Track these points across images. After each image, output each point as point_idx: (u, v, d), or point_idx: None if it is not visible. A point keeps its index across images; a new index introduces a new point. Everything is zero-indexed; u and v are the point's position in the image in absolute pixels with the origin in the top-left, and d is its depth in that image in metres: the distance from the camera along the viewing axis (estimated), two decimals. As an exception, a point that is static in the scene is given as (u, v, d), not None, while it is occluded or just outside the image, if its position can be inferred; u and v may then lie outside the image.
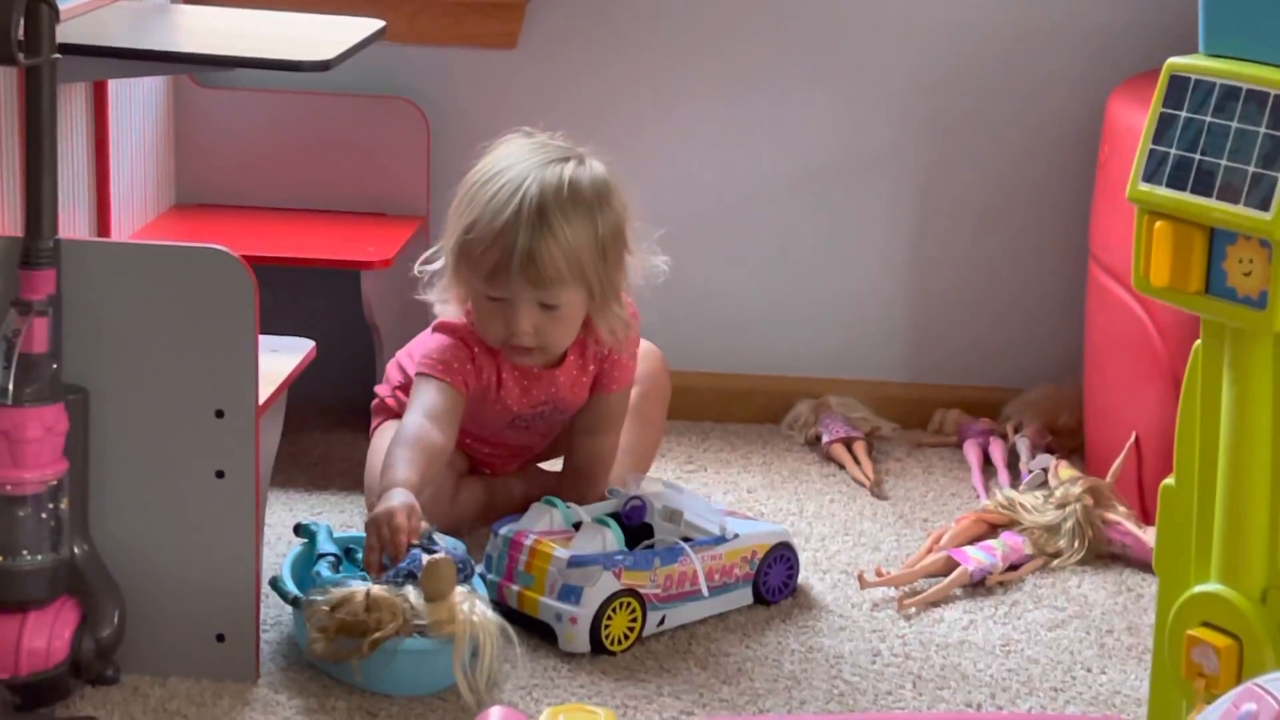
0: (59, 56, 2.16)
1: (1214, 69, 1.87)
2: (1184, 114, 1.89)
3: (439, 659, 2.23)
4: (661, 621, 2.45)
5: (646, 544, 2.49)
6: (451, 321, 2.64)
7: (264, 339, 2.27)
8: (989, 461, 3.05)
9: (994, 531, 2.74)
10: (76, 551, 2.18)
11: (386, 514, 2.33)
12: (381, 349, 2.94)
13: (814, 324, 3.26)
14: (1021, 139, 3.20)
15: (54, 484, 2.16)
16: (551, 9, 3.16)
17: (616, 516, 2.55)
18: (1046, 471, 2.92)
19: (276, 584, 2.33)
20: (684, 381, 3.19)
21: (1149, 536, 2.64)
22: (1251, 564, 1.93)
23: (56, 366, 2.17)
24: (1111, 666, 2.42)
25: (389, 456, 2.47)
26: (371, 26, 2.72)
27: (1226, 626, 1.94)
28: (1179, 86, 1.90)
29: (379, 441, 2.68)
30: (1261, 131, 1.82)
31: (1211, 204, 1.85)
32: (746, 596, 2.54)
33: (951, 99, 3.19)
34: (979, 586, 2.62)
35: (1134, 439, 2.79)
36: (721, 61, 3.18)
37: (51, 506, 2.16)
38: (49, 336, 2.15)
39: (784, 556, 2.57)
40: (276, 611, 2.41)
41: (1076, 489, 2.75)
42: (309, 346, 2.56)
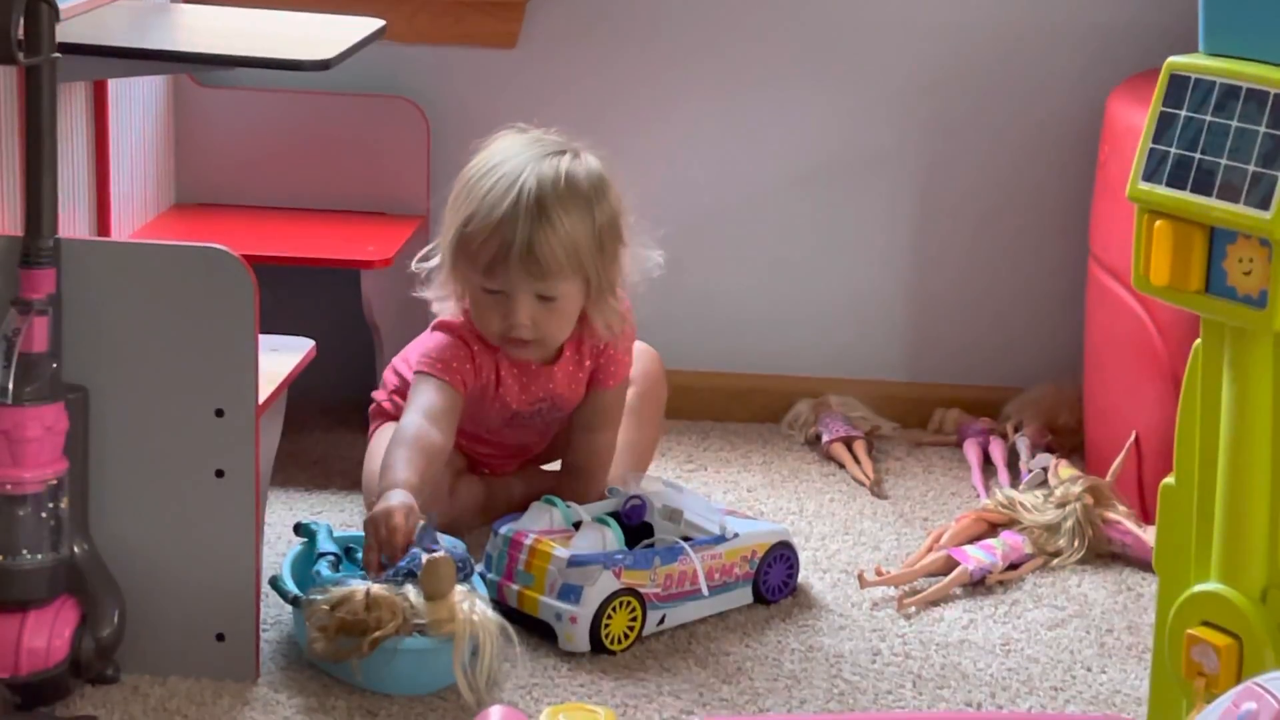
0: (59, 56, 2.16)
1: (1214, 68, 1.87)
2: (1184, 113, 1.89)
3: (439, 658, 2.23)
4: (661, 621, 2.45)
5: (646, 543, 2.49)
6: (450, 320, 2.64)
7: (264, 338, 2.27)
8: (989, 461, 3.05)
9: (994, 530, 2.74)
10: (76, 551, 2.18)
11: (385, 514, 2.34)
12: (381, 348, 2.94)
13: (814, 323, 3.26)
14: (1021, 139, 3.20)
15: (54, 483, 2.16)
16: (551, 8, 3.16)
17: (616, 516, 2.55)
18: (1046, 471, 2.92)
19: (276, 583, 2.33)
20: (684, 381, 3.20)
21: (1149, 535, 2.64)
22: (1251, 563, 1.93)
23: (56, 366, 2.17)
24: (1111, 665, 2.42)
25: (388, 457, 2.48)
26: (371, 26, 2.72)
27: (1226, 625, 1.94)
28: (1179, 86, 1.90)
29: (376, 445, 2.68)
30: (1261, 130, 1.82)
31: (1211, 203, 1.85)
32: (746, 596, 2.54)
33: (951, 99, 3.19)
34: (979, 585, 2.62)
35: (1134, 438, 2.79)
36: (722, 61, 3.18)
37: (51, 506, 2.15)
38: (49, 336, 2.15)
39: (784, 556, 2.56)
40: (276, 611, 2.41)
41: (1076, 488, 2.75)
42: (309, 346, 2.56)
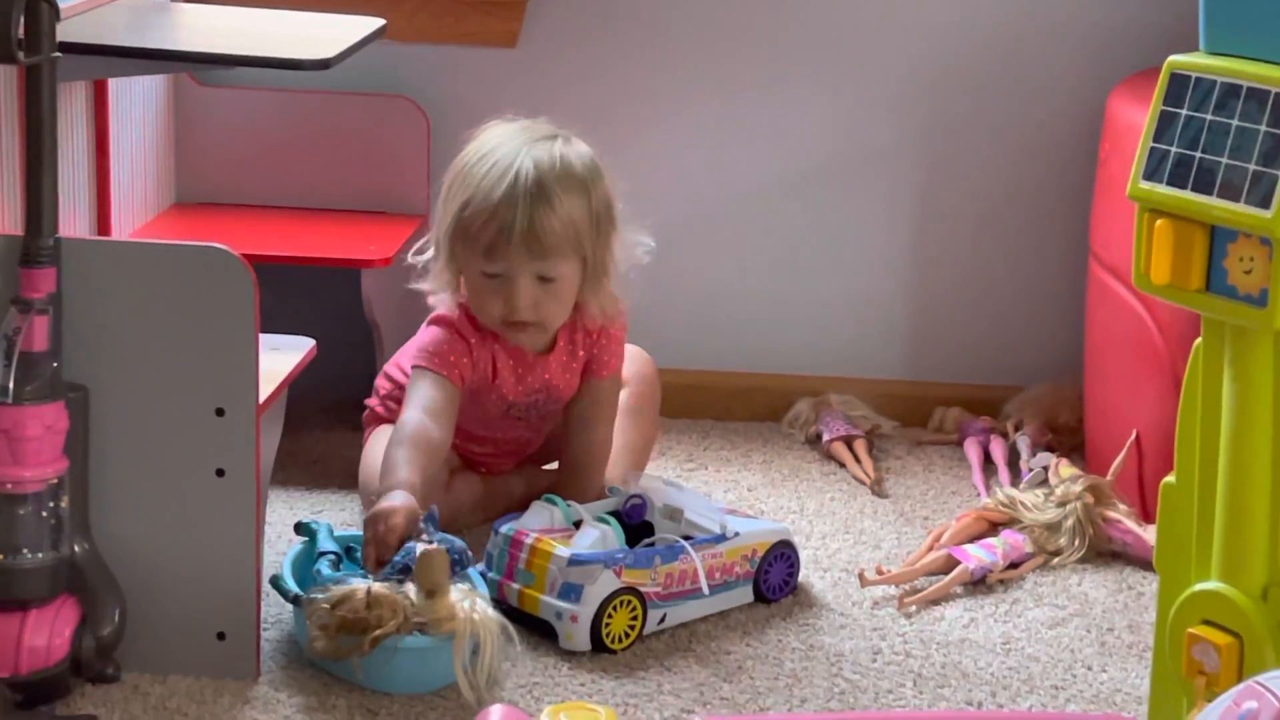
0: (59, 55, 2.16)
1: (1215, 67, 1.87)
2: (1185, 112, 1.89)
3: (439, 657, 2.23)
4: (662, 619, 2.45)
5: (647, 542, 2.49)
6: (445, 315, 2.65)
7: (264, 337, 2.27)
8: (989, 459, 3.05)
9: (994, 529, 2.74)
10: (77, 550, 2.18)
11: (385, 512, 2.34)
12: (382, 347, 2.94)
13: (814, 322, 3.26)
14: (1021, 138, 3.20)
15: (54, 482, 2.15)
16: (552, 7, 3.16)
17: (617, 514, 2.55)
18: (1047, 469, 2.92)
19: (277, 582, 2.33)
20: (684, 380, 3.20)
21: (1149, 534, 2.64)
22: (1252, 562, 1.93)
23: (57, 365, 2.16)
24: (1112, 664, 2.42)
25: (388, 456, 2.48)
26: (372, 25, 2.72)
27: (1227, 624, 1.94)
28: (1179, 84, 1.90)
29: (372, 450, 2.68)
30: (1262, 129, 1.82)
31: (1212, 202, 1.85)
32: (747, 594, 2.54)
33: (951, 99, 3.19)
34: (979, 584, 2.62)
35: (1134, 437, 2.79)
36: (723, 61, 3.18)
37: (52, 505, 2.15)
38: (49, 335, 2.15)
39: (784, 555, 2.56)
40: (277, 609, 2.41)
41: (1077, 487, 2.75)
42: (309, 345, 2.56)
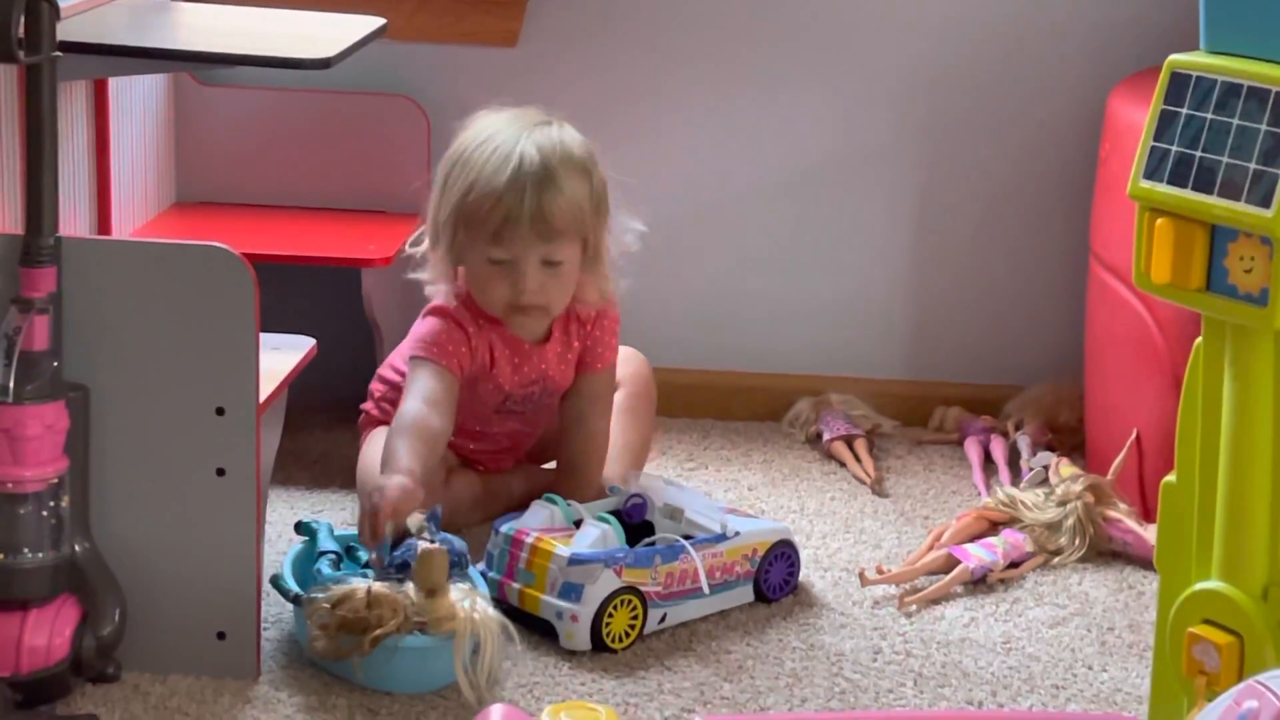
0: (59, 54, 2.16)
1: (1215, 66, 1.87)
2: (1185, 111, 1.89)
3: (440, 656, 2.23)
4: (662, 619, 2.45)
5: (647, 541, 2.49)
6: (443, 305, 2.65)
7: (264, 337, 2.27)
8: (990, 459, 3.05)
9: (995, 529, 2.74)
10: (77, 549, 2.18)
11: (379, 484, 2.34)
12: (382, 347, 2.94)
13: (815, 322, 3.26)
14: (1021, 137, 3.20)
15: (55, 482, 2.16)
16: (552, 6, 3.16)
17: (617, 514, 2.55)
18: (1047, 469, 2.92)
19: (277, 581, 2.33)
20: (685, 379, 3.20)
21: (1150, 534, 2.63)
22: (1252, 561, 1.93)
23: (57, 364, 2.16)
24: (1113, 664, 2.42)
25: (389, 446, 2.48)
26: (372, 24, 2.72)
27: (1227, 624, 1.94)
28: (1180, 84, 1.90)
29: (369, 453, 2.67)
30: (1263, 129, 1.82)
31: (1213, 201, 1.86)
32: (747, 594, 2.54)
33: (951, 98, 3.19)
34: (980, 584, 2.62)
35: (1135, 436, 2.79)
36: (723, 60, 3.18)
37: (52, 504, 2.15)
38: (49, 334, 2.15)
39: (785, 554, 2.56)
40: (277, 609, 2.41)
41: (1077, 486, 2.75)
42: (310, 344, 2.56)
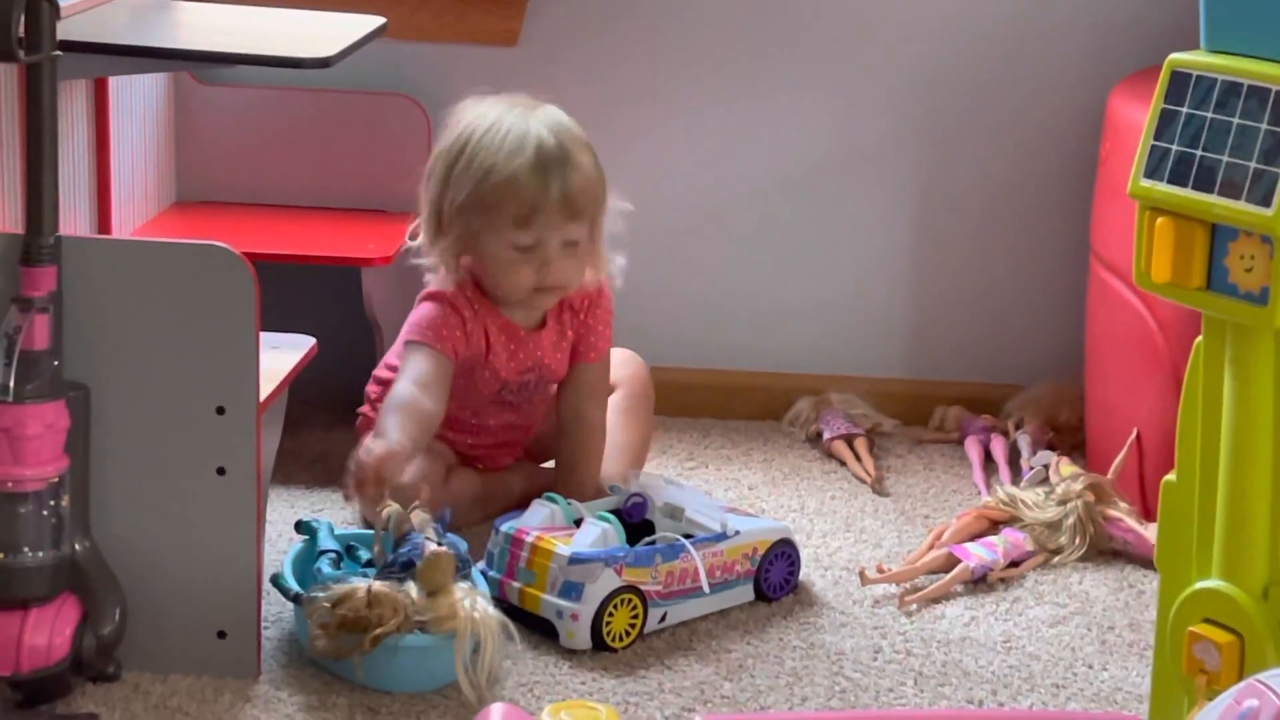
0: (59, 53, 2.16)
1: (1215, 65, 1.87)
2: (1185, 110, 1.89)
3: (440, 655, 2.23)
4: (663, 618, 2.45)
5: (648, 541, 2.49)
6: (439, 290, 2.65)
7: (265, 336, 2.27)
8: (990, 458, 3.05)
9: (995, 528, 2.74)
10: (77, 548, 2.18)
11: (368, 449, 2.36)
12: (382, 345, 2.94)
13: (815, 321, 3.26)
14: (1021, 137, 3.20)
15: (55, 481, 2.15)
16: (553, 6, 3.16)
17: (617, 513, 2.55)
18: (1048, 468, 2.92)
19: (278, 581, 2.33)
20: (685, 378, 3.20)
21: (1150, 533, 2.64)
22: (1253, 560, 1.93)
23: (57, 363, 2.16)
24: (1113, 663, 2.42)
25: (379, 424, 2.49)
26: (372, 23, 2.72)
27: (1228, 623, 1.94)
28: (1180, 83, 1.90)
29: None
30: (1263, 128, 1.82)
31: (1213, 200, 1.86)
32: (748, 593, 2.54)
33: (951, 97, 3.19)
34: (980, 583, 2.62)
35: (1135, 435, 2.79)
36: (723, 59, 3.18)
37: (52, 503, 2.15)
38: (50, 333, 2.15)
39: (785, 553, 2.56)
40: (278, 608, 2.41)
41: (1078, 485, 2.75)
42: (310, 343, 2.56)
